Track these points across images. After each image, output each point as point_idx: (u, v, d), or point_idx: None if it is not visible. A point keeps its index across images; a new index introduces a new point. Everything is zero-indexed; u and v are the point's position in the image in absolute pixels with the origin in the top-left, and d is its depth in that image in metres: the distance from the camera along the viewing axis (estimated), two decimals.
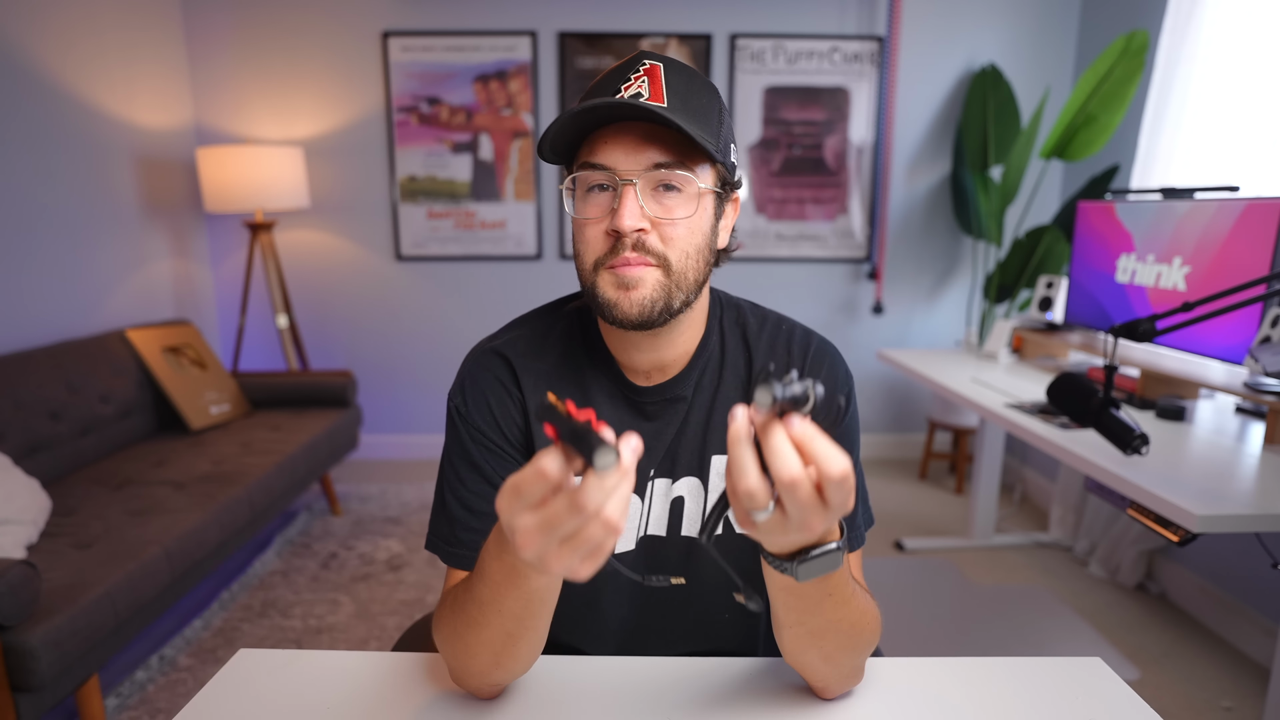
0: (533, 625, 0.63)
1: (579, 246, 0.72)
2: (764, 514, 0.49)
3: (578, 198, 0.71)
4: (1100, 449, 1.48)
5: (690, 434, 0.80)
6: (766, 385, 0.47)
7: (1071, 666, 0.79)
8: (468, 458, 0.77)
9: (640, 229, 0.68)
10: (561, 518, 0.45)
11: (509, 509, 0.48)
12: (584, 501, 0.45)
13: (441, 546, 0.77)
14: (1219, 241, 1.75)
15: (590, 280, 0.71)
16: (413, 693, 0.74)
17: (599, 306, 0.72)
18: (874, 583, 2.36)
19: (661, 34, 3.23)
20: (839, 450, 0.48)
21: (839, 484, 0.48)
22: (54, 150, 2.45)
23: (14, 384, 2.03)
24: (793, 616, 0.64)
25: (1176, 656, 2.00)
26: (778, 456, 0.47)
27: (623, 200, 0.67)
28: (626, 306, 0.70)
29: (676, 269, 0.70)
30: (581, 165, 0.70)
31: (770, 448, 0.48)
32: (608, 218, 0.69)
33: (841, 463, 0.48)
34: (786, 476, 0.47)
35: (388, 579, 2.40)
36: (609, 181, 0.69)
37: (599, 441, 0.43)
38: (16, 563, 1.35)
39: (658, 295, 0.70)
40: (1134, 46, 2.50)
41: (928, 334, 3.53)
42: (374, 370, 3.49)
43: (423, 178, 3.33)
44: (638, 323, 0.70)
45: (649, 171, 0.68)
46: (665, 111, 0.65)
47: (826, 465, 0.47)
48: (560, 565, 0.47)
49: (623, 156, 0.68)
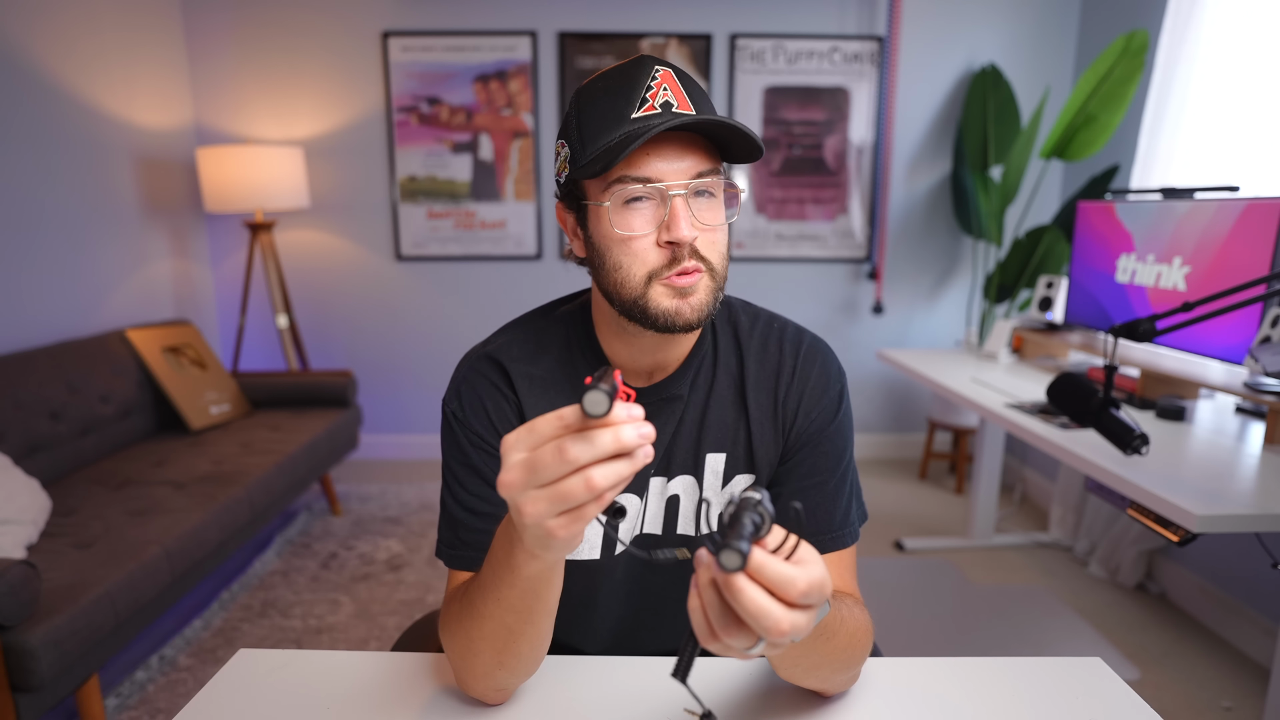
0: (532, 621, 0.63)
1: (622, 259, 0.70)
2: (756, 649, 0.46)
3: (616, 211, 0.69)
4: (1100, 449, 1.48)
5: (685, 433, 0.80)
6: (730, 551, 0.42)
7: (1071, 666, 0.79)
8: (467, 462, 0.78)
9: (695, 237, 0.69)
10: (546, 460, 0.46)
11: (513, 443, 0.48)
12: (567, 449, 0.45)
13: (445, 550, 0.78)
14: (1219, 241, 1.75)
15: (639, 293, 0.70)
16: (413, 693, 0.74)
17: (652, 318, 0.70)
18: (874, 583, 2.37)
19: (661, 34, 3.23)
20: (794, 569, 0.45)
21: (810, 596, 0.45)
22: (54, 150, 2.45)
23: (14, 384, 2.03)
24: (788, 661, 0.64)
25: (1176, 656, 2.00)
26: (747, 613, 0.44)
27: (677, 211, 0.68)
28: (689, 313, 0.70)
29: (719, 272, 0.72)
30: (621, 179, 0.68)
31: (737, 604, 0.44)
32: (655, 229, 0.69)
33: (800, 582, 0.45)
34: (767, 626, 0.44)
35: (388, 579, 2.40)
36: (652, 194, 0.68)
37: (601, 390, 0.44)
38: (16, 563, 1.35)
39: (710, 299, 0.71)
40: (1134, 46, 2.50)
41: (928, 334, 3.53)
42: (374, 370, 3.49)
43: (423, 178, 3.33)
44: (693, 327, 0.71)
45: (693, 181, 0.69)
46: (723, 118, 0.66)
47: (787, 591, 0.44)
48: (533, 510, 0.47)
49: (667, 168, 0.68)
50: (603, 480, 0.46)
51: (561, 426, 0.46)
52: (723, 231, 0.72)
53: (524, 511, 0.48)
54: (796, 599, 0.45)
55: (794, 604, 0.45)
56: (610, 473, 0.46)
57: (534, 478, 0.46)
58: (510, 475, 0.47)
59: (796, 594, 0.45)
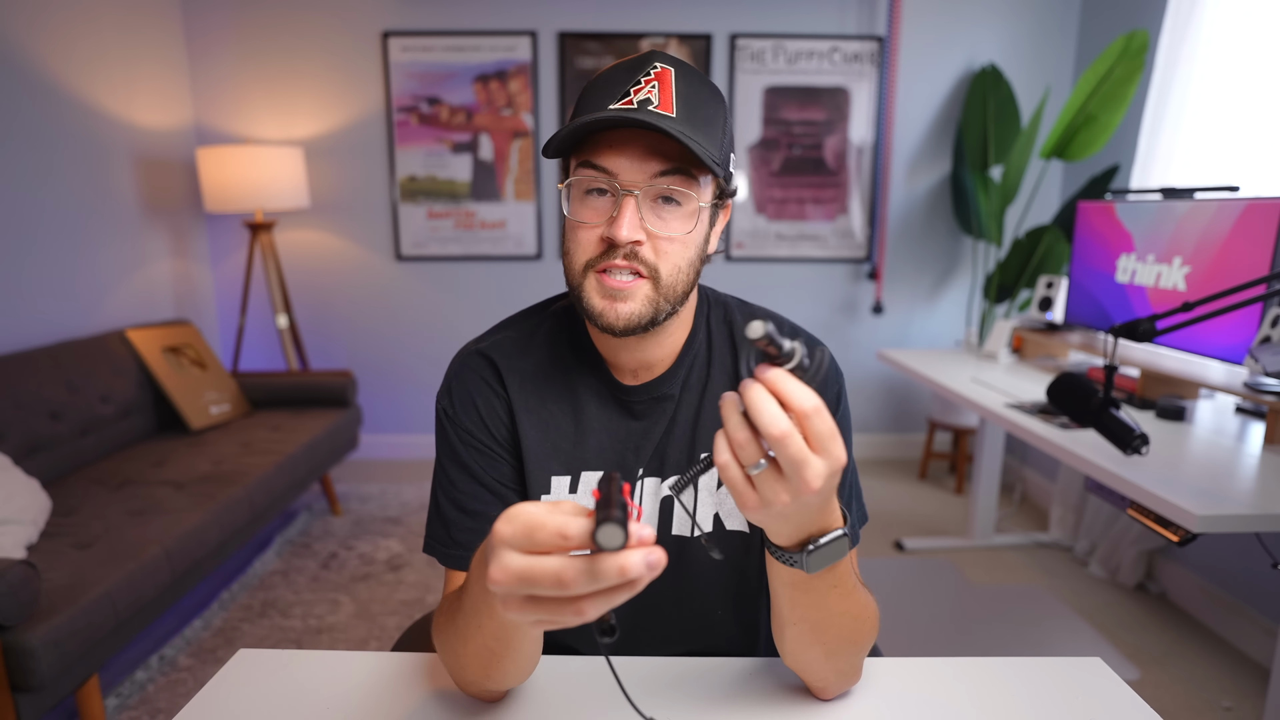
0: (514, 648, 0.62)
1: (569, 245, 0.71)
2: (757, 468, 0.49)
3: (574, 197, 0.70)
4: (1100, 449, 1.48)
5: (679, 433, 0.80)
6: (760, 319, 0.46)
7: (1071, 666, 0.79)
8: (458, 459, 0.78)
9: (636, 240, 0.68)
10: (542, 578, 0.43)
11: (507, 538, 0.45)
12: (568, 579, 0.42)
13: (438, 549, 0.78)
14: (1219, 241, 1.75)
15: (578, 281, 0.71)
16: (413, 693, 0.74)
17: (585, 311, 0.71)
18: (874, 582, 2.35)
19: (661, 34, 3.23)
20: (809, 389, 0.49)
21: (814, 417, 0.48)
22: (54, 150, 2.45)
23: (14, 384, 2.03)
24: (798, 612, 0.64)
25: (1176, 656, 2.00)
26: (761, 413, 0.47)
27: (622, 210, 0.67)
28: (613, 318, 0.70)
29: (666, 282, 0.70)
30: (583, 163, 0.68)
31: (752, 405, 0.48)
32: (604, 224, 0.68)
33: (811, 398, 0.48)
34: (775, 430, 0.47)
35: (388, 579, 2.40)
36: (609, 187, 0.68)
37: (615, 520, 0.40)
38: (16, 563, 1.35)
39: (645, 310, 0.70)
40: (1134, 46, 2.50)
41: (928, 334, 3.53)
42: (374, 370, 3.49)
43: (423, 178, 3.33)
44: (623, 333, 0.71)
45: (652, 182, 0.67)
46: (675, 124, 0.65)
47: (796, 401, 0.48)
48: (515, 613, 0.45)
49: (626, 164, 0.67)
50: (595, 612, 0.43)
51: (561, 540, 0.43)
52: (682, 245, 0.70)
53: (507, 609, 0.45)
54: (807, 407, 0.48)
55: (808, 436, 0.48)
56: (605, 603, 0.43)
57: (524, 588, 0.44)
58: (500, 575, 0.44)
59: (808, 404, 0.48)
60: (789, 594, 0.63)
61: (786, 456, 0.48)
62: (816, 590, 0.62)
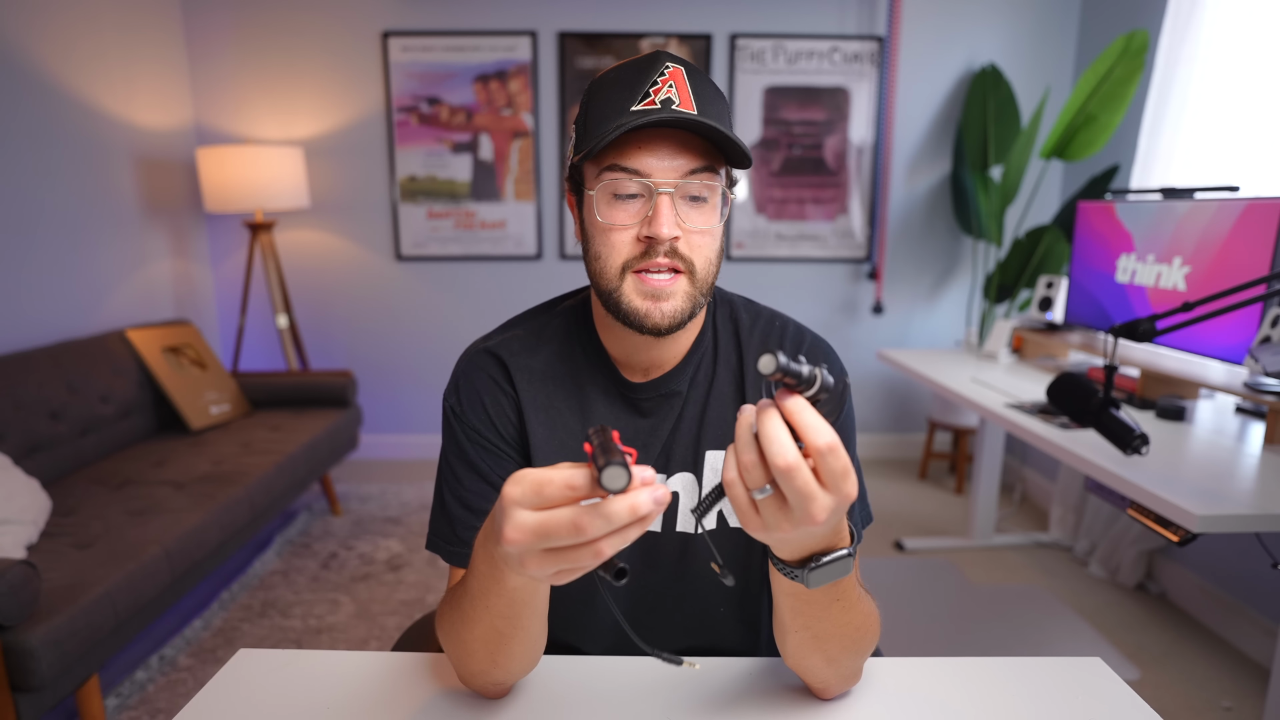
0: (522, 626, 0.63)
1: (601, 249, 0.71)
2: (763, 493, 0.49)
3: (602, 201, 0.70)
4: (1100, 449, 1.48)
5: (685, 430, 0.80)
6: (771, 354, 0.46)
7: (1071, 666, 0.79)
8: (464, 457, 0.78)
9: (675, 236, 0.69)
10: (558, 529, 0.45)
11: (517, 498, 0.47)
12: (585, 524, 0.44)
13: (442, 546, 0.78)
14: (1219, 241, 1.75)
15: (614, 285, 0.71)
16: (413, 693, 0.74)
17: (624, 314, 0.71)
18: (874, 583, 2.37)
19: (661, 34, 3.23)
20: (827, 425, 0.48)
21: (828, 455, 0.47)
22: (54, 150, 2.45)
23: (14, 384, 2.03)
24: (799, 621, 0.64)
25: (1176, 656, 2.00)
26: (771, 441, 0.47)
27: (659, 209, 0.68)
28: (658, 317, 0.70)
29: (700, 275, 0.71)
30: (611, 167, 0.69)
31: (763, 432, 0.47)
32: (638, 224, 0.69)
33: (828, 434, 0.47)
34: (781, 462, 0.47)
35: (388, 579, 2.40)
36: (641, 189, 0.69)
37: (617, 462, 0.42)
38: (16, 563, 1.35)
39: (685, 305, 0.71)
40: (1134, 46, 2.50)
41: (928, 334, 3.53)
42: (374, 370, 3.49)
43: (423, 178, 3.33)
44: (666, 331, 0.71)
45: (684, 180, 0.68)
46: (713, 122, 0.66)
47: (812, 436, 0.47)
48: (536, 569, 0.47)
49: (657, 164, 0.68)
50: (611, 549, 0.45)
51: (569, 491, 0.46)
52: (711, 236, 0.72)
53: (527, 567, 0.48)
54: (821, 445, 0.47)
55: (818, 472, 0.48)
56: (620, 541, 0.45)
57: (542, 542, 0.46)
58: (516, 534, 0.46)
59: (822, 441, 0.47)
60: (791, 603, 0.63)
61: (793, 489, 0.48)
62: (818, 603, 0.62)
